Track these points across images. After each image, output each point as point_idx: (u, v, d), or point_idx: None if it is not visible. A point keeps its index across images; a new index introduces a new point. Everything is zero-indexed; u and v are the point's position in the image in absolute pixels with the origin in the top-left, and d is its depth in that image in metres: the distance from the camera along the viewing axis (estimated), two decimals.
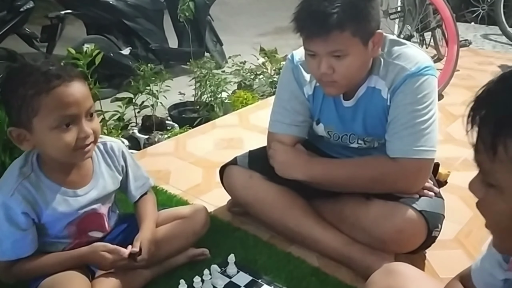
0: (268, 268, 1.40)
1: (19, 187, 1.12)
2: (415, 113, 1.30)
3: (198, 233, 1.42)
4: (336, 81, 1.29)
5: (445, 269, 1.43)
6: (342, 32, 1.21)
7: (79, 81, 1.11)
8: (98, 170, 1.25)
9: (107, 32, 3.47)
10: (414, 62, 1.31)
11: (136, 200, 1.36)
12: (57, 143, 1.09)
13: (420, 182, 1.37)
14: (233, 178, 1.56)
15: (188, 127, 2.56)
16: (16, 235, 1.13)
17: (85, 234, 1.25)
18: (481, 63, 3.55)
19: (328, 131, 1.48)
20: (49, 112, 1.06)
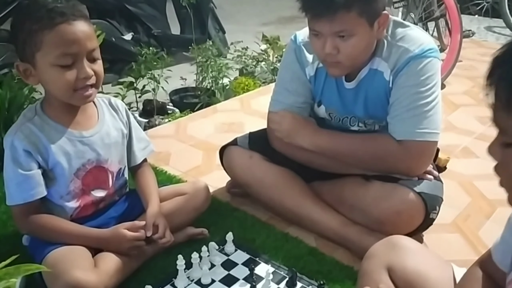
0: (266, 247, 1.41)
1: (22, 127, 1.15)
2: (418, 95, 1.30)
3: (200, 208, 1.43)
4: (340, 62, 1.29)
5: (442, 252, 1.43)
6: (348, 12, 1.20)
7: (84, 21, 1.12)
8: (103, 117, 1.27)
9: (109, 16, 3.46)
10: (418, 44, 1.30)
11: (138, 163, 1.37)
12: (57, 81, 1.12)
13: (423, 165, 1.37)
14: (233, 158, 1.56)
15: (189, 111, 2.56)
16: (19, 176, 1.14)
17: (88, 193, 1.26)
18: (484, 55, 3.54)
19: (329, 113, 1.48)
20: (51, 48, 1.09)
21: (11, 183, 1.16)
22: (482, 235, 1.52)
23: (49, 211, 1.21)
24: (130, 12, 3.52)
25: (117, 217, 1.33)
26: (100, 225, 1.29)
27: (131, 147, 1.36)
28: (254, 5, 6.20)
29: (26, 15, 1.10)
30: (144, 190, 1.35)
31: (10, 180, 1.16)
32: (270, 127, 1.51)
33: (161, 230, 1.26)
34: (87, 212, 1.27)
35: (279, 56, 3.04)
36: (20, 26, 1.11)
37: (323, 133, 1.43)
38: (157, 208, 1.30)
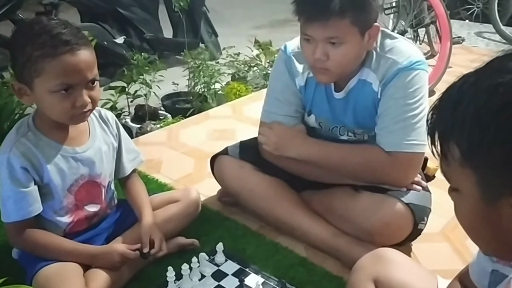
0: (256, 257, 1.41)
1: (17, 143, 1.14)
2: (406, 107, 1.32)
3: (191, 215, 1.44)
4: (328, 69, 1.30)
5: (430, 261, 1.45)
6: (342, 19, 1.22)
7: (86, 49, 1.11)
8: (94, 132, 1.27)
9: (101, 20, 3.45)
10: (406, 56, 1.32)
11: (127, 174, 1.38)
12: (54, 107, 1.12)
13: (411, 176, 1.39)
14: (223, 168, 1.57)
15: (181, 117, 2.56)
16: (17, 193, 1.13)
17: (81, 208, 1.26)
18: (474, 61, 3.55)
19: (319, 122, 1.50)
20: (51, 77, 1.08)
21: (9, 201, 1.15)
22: (470, 245, 1.52)
23: (42, 227, 1.21)
24: (122, 15, 3.52)
25: (108, 228, 1.33)
26: (93, 236, 1.30)
27: (120, 158, 1.36)
28: (247, 8, 6.21)
29: (28, 39, 1.09)
30: (136, 202, 1.36)
31: (7, 198, 1.15)
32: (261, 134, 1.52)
33: (157, 245, 1.27)
34: (80, 227, 1.27)
35: (271, 61, 3.05)
36: (20, 49, 1.09)
37: (312, 142, 1.44)
38: (152, 220, 1.30)
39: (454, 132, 0.60)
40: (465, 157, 0.60)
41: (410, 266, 1.08)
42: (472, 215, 0.63)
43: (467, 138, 0.59)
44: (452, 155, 0.61)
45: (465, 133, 0.59)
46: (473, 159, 0.59)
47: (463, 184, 0.62)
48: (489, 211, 0.60)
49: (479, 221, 0.62)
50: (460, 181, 0.62)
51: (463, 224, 0.67)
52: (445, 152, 0.62)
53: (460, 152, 0.60)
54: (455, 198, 0.66)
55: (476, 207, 0.61)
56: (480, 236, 0.66)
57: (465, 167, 0.60)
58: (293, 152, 1.43)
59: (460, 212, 0.66)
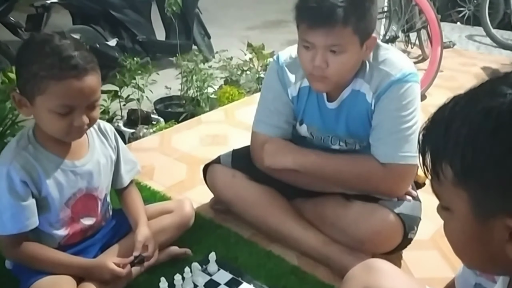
0: (249, 266, 1.43)
1: (17, 156, 1.14)
2: (400, 119, 1.34)
3: (184, 226, 1.45)
4: (327, 77, 1.31)
5: (420, 269, 1.48)
6: (345, 27, 1.23)
7: (93, 74, 1.11)
8: (93, 145, 1.27)
9: (93, 22, 3.44)
10: (399, 68, 1.34)
11: (125, 185, 1.38)
12: (51, 125, 1.12)
13: (404, 187, 1.41)
14: (216, 177, 1.58)
15: (173, 122, 2.57)
16: (15, 206, 1.13)
17: (77, 221, 1.26)
18: (465, 64, 3.61)
19: (310, 131, 1.51)
20: (53, 98, 1.08)
21: (6, 213, 1.14)
22: None
23: (37, 238, 1.21)
24: (115, 18, 3.51)
25: (102, 238, 1.34)
26: (87, 247, 1.30)
27: (118, 169, 1.36)
28: (240, 8, 6.21)
29: (37, 57, 1.08)
30: (132, 211, 1.36)
31: (4, 210, 1.14)
32: (253, 148, 1.52)
33: (150, 251, 1.28)
34: (75, 240, 1.28)
35: (264, 65, 3.06)
36: (27, 65, 1.09)
37: (307, 151, 1.46)
38: (147, 229, 1.31)
39: (447, 152, 0.61)
40: (458, 177, 0.60)
41: (400, 276, 1.10)
42: (463, 234, 0.64)
43: (461, 159, 0.60)
44: (444, 174, 0.62)
45: (458, 154, 0.60)
46: (467, 179, 0.60)
47: (455, 203, 0.63)
48: (480, 230, 0.61)
49: (469, 239, 0.63)
50: (452, 200, 0.63)
51: (452, 242, 0.68)
52: (437, 172, 0.63)
53: (453, 172, 0.61)
54: (445, 216, 0.66)
55: (468, 226, 0.62)
56: (468, 254, 0.67)
57: (458, 187, 0.61)
58: (288, 161, 1.44)
59: (450, 231, 0.67)
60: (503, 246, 0.59)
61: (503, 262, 0.61)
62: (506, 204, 0.57)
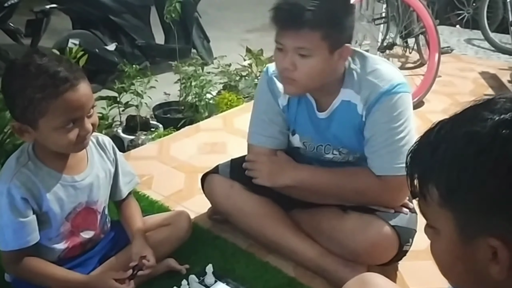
0: (246, 277, 1.44)
1: (18, 174, 1.15)
2: (393, 131, 1.35)
3: (182, 239, 1.47)
4: (295, 80, 1.33)
5: (416, 280, 1.49)
6: (313, 31, 1.25)
7: (83, 81, 1.14)
8: (92, 159, 1.29)
9: (93, 27, 3.45)
10: (388, 79, 1.35)
11: (123, 197, 1.40)
12: (60, 141, 1.14)
13: (401, 198, 1.43)
14: (214, 187, 1.59)
15: (172, 128, 2.58)
16: (16, 223, 1.15)
17: (77, 234, 1.28)
18: (463, 70, 3.62)
19: (303, 142, 1.52)
20: (55, 116, 1.10)
21: (7, 230, 1.16)
22: None
23: (37, 252, 1.22)
24: (114, 22, 3.52)
25: (101, 250, 1.35)
26: (86, 260, 1.32)
27: (117, 182, 1.38)
28: (239, 11, 6.21)
29: (27, 81, 1.09)
30: (130, 223, 1.38)
31: (6, 227, 1.16)
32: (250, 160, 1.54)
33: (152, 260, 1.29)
34: (74, 253, 1.29)
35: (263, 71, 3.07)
36: (20, 92, 1.09)
37: (303, 167, 1.47)
38: (143, 240, 1.32)
39: (433, 174, 0.64)
40: (444, 199, 0.63)
41: None
42: (448, 254, 0.66)
43: (446, 181, 0.62)
44: (431, 196, 0.64)
45: (443, 176, 0.62)
46: (452, 201, 0.62)
47: (441, 223, 0.65)
48: (465, 249, 0.63)
49: (455, 259, 0.65)
50: (438, 221, 0.65)
51: (438, 262, 0.70)
52: (424, 193, 0.65)
53: (438, 194, 0.63)
54: (431, 235, 0.69)
55: (453, 246, 0.64)
56: (454, 273, 0.69)
57: (444, 208, 0.63)
58: (286, 179, 1.45)
59: (437, 250, 0.69)
60: (487, 265, 0.61)
61: (488, 282, 0.62)
62: (489, 225, 0.59)
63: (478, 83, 3.35)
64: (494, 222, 0.59)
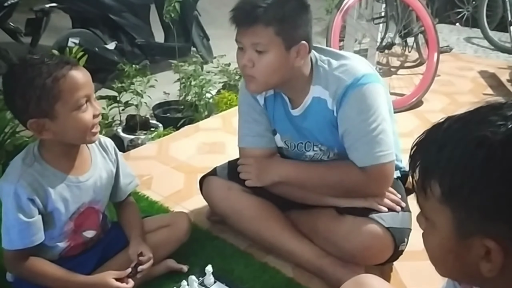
0: (244, 278, 1.46)
1: (24, 174, 1.17)
2: (364, 122, 1.37)
3: (181, 240, 1.48)
4: (254, 77, 1.36)
5: (412, 280, 1.51)
6: (266, 27, 1.29)
7: (80, 66, 1.20)
8: (95, 160, 1.31)
9: (92, 26, 3.45)
10: (352, 73, 1.37)
11: (123, 198, 1.42)
12: (78, 124, 1.16)
13: (385, 185, 1.45)
14: (211, 189, 1.61)
15: (172, 128, 2.59)
16: (22, 223, 1.17)
17: (79, 234, 1.30)
18: (462, 69, 3.63)
19: (285, 140, 1.55)
20: (69, 95, 1.14)
21: (13, 229, 1.18)
22: None
23: (39, 251, 1.24)
24: (114, 21, 3.52)
25: (99, 251, 1.37)
26: (85, 260, 1.33)
27: (118, 183, 1.40)
28: None
29: (32, 73, 1.12)
30: (128, 224, 1.40)
31: (12, 227, 1.18)
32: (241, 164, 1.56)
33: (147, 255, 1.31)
34: (75, 252, 1.31)
35: None
36: (28, 87, 1.12)
37: (289, 163, 1.51)
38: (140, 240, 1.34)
39: (437, 171, 0.65)
40: (445, 197, 0.64)
41: None
42: (441, 245, 0.69)
43: (450, 180, 0.63)
44: (432, 191, 0.66)
45: (448, 174, 0.64)
46: (453, 200, 0.64)
47: (438, 218, 0.67)
48: (459, 245, 0.65)
49: (447, 252, 0.68)
50: (436, 215, 0.67)
51: (429, 251, 0.72)
52: (425, 187, 0.67)
53: (441, 191, 0.64)
54: (425, 227, 0.71)
55: (447, 240, 0.67)
56: (443, 264, 0.71)
57: (443, 205, 0.65)
58: (274, 175, 1.48)
59: (430, 242, 0.71)
60: (478, 262, 0.63)
61: (476, 276, 0.65)
62: (486, 227, 0.61)
63: (477, 82, 3.36)
64: (493, 225, 0.61)
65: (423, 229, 0.73)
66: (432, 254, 0.72)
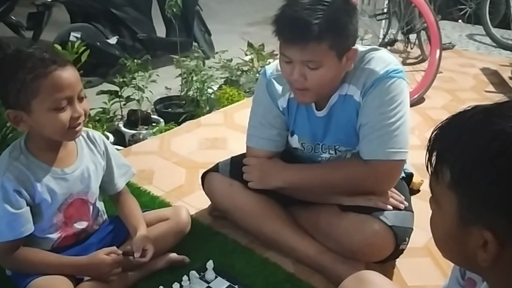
0: (245, 273, 1.46)
1: (10, 167, 1.18)
2: (383, 115, 1.35)
3: (181, 233, 1.48)
4: (307, 89, 1.34)
5: (413, 277, 1.51)
6: (319, 44, 1.24)
7: (70, 66, 1.19)
8: (82, 152, 1.31)
9: (94, 20, 3.46)
10: (384, 65, 1.35)
11: (120, 190, 1.42)
12: (54, 123, 1.15)
13: (390, 183, 1.44)
14: (213, 185, 1.61)
15: (173, 123, 2.59)
16: (10, 215, 1.17)
17: (70, 225, 1.30)
18: (464, 65, 3.62)
19: (301, 142, 1.53)
20: (47, 95, 1.13)
21: (1, 221, 1.19)
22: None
23: (31, 242, 1.25)
24: (115, 15, 3.52)
25: (97, 243, 1.37)
26: (81, 252, 1.33)
27: (112, 175, 1.40)
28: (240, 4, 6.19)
29: (18, 65, 1.12)
30: (130, 217, 1.40)
31: (0, 218, 1.19)
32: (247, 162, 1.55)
33: (148, 256, 1.32)
34: (68, 242, 1.32)
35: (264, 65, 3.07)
36: (12, 77, 1.12)
37: (291, 167, 1.49)
38: (146, 233, 1.35)
39: (450, 158, 0.67)
40: (454, 183, 0.66)
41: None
42: (444, 229, 0.71)
43: (460, 168, 0.65)
44: (442, 176, 0.67)
45: (459, 163, 0.65)
46: (460, 187, 0.66)
47: (444, 202, 0.69)
48: (460, 231, 0.68)
49: (449, 236, 0.70)
50: (443, 200, 0.69)
51: (434, 233, 0.75)
52: (437, 171, 0.68)
53: (450, 177, 0.66)
54: (433, 209, 0.73)
55: (449, 225, 0.69)
56: (445, 248, 0.74)
57: (451, 190, 0.67)
58: (277, 181, 1.47)
59: (435, 224, 0.74)
60: (476, 251, 0.66)
61: (473, 264, 0.67)
62: (486, 218, 0.63)
63: (479, 80, 3.35)
64: (493, 217, 0.63)
65: (432, 210, 0.74)
66: (435, 236, 0.74)
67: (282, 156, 1.55)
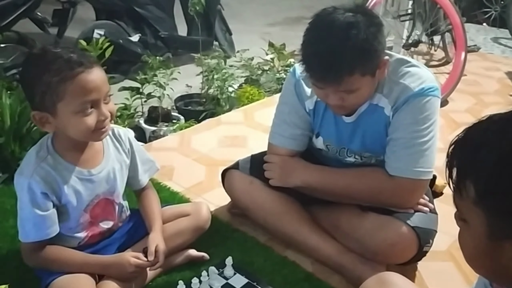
0: (264, 271, 1.45)
1: (38, 168, 1.18)
2: (415, 133, 1.33)
3: (201, 229, 1.48)
4: (344, 106, 1.33)
5: (435, 280, 1.48)
6: (352, 75, 1.22)
7: (98, 67, 1.17)
8: (108, 151, 1.31)
9: (117, 18, 3.49)
10: (419, 82, 1.33)
11: (144, 185, 1.42)
12: (79, 126, 1.15)
13: (414, 200, 1.42)
14: (233, 183, 1.61)
15: (193, 121, 2.60)
16: (37, 217, 1.18)
17: (96, 225, 1.31)
18: (489, 69, 3.55)
19: (326, 144, 1.52)
20: (73, 98, 1.11)
21: (28, 223, 1.19)
22: None
23: (57, 240, 1.25)
24: (138, 13, 3.55)
25: (120, 238, 1.38)
26: (105, 246, 1.34)
27: (136, 171, 1.40)
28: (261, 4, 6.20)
29: (43, 67, 1.11)
30: (148, 214, 1.40)
31: (27, 220, 1.19)
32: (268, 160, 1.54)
33: (161, 259, 1.29)
34: (94, 240, 1.32)
35: (285, 65, 3.07)
36: (38, 79, 1.12)
37: (314, 168, 1.47)
38: (160, 234, 1.34)
39: (473, 172, 0.65)
40: (480, 198, 0.64)
41: None
42: (475, 246, 0.69)
43: (485, 182, 0.63)
44: (466, 191, 0.65)
45: (483, 176, 0.63)
46: (487, 201, 0.64)
47: (472, 219, 0.67)
48: (492, 247, 0.65)
49: (480, 252, 0.68)
50: (470, 216, 0.67)
51: (464, 251, 0.72)
52: (460, 187, 0.67)
53: (475, 192, 0.64)
54: (461, 226, 0.71)
55: (480, 241, 0.67)
56: (477, 264, 0.71)
57: (477, 206, 0.65)
58: (298, 180, 1.46)
59: (464, 241, 0.71)
60: (509, 264, 0.64)
61: (508, 278, 0.66)
62: None
63: (503, 83, 3.28)
64: None
65: (459, 227, 0.72)
66: (466, 253, 0.72)
67: (306, 155, 1.53)
